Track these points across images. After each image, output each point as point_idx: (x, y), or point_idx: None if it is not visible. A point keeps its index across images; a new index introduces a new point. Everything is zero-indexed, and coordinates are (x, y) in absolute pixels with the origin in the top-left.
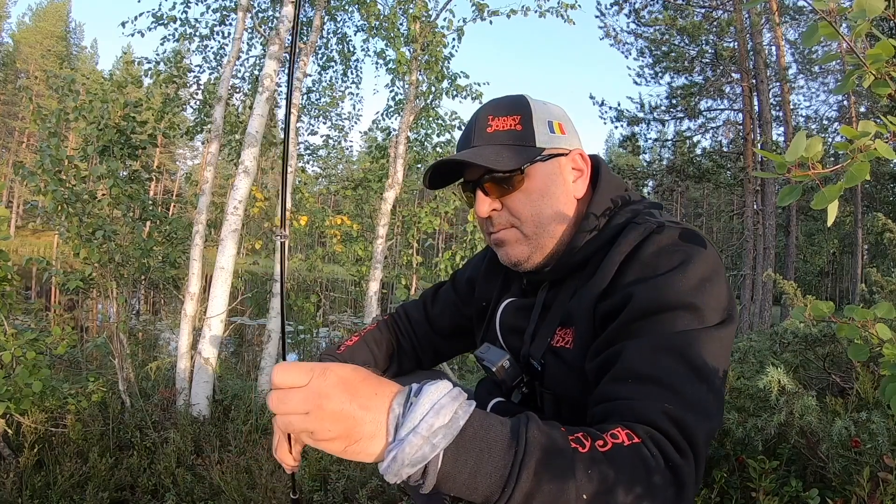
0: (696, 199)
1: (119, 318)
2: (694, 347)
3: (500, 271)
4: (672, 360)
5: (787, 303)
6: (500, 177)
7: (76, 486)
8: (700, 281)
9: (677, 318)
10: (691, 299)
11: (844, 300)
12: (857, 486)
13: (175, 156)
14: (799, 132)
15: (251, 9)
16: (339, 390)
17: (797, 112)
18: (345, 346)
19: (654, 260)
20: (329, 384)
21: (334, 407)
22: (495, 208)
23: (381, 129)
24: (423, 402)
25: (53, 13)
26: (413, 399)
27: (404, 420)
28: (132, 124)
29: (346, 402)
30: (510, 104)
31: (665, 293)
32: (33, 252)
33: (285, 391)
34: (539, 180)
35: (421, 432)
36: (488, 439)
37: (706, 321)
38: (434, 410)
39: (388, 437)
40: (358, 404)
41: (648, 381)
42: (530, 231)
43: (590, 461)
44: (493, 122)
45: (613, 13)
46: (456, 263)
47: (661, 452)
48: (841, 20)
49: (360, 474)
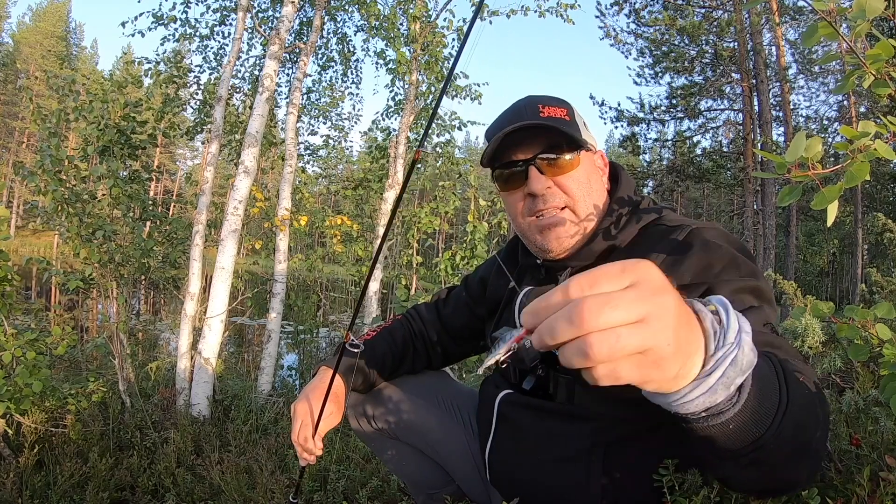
0: (696, 199)
1: (119, 318)
2: (771, 321)
3: (512, 269)
4: (768, 330)
5: (787, 303)
6: (555, 157)
7: (76, 487)
8: (752, 268)
9: (752, 296)
10: (756, 282)
11: (844, 300)
12: (857, 486)
13: (175, 156)
14: (799, 132)
15: (251, 9)
16: (662, 280)
17: (797, 112)
18: (362, 339)
19: (710, 255)
20: (657, 273)
21: (677, 303)
22: (549, 186)
23: (381, 129)
24: (731, 313)
25: (53, 13)
26: (716, 307)
27: (729, 324)
28: (132, 124)
29: (678, 298)
30: (556, 98)
31: (737, 281)
32: (33, 252)
33: (605, 297)
34: (586, 167)
35: (746, 337)
36: (765, 372)
37: (770, 299)
38: (742, 319)
39: (711, 347)
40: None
41: (769, 346)
42: (582, 212)
43: (810, 390)
44: (545, 110)
45: (613, 13)
46: (456, 263)
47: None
48: (841, 20)
49: (360, 474)
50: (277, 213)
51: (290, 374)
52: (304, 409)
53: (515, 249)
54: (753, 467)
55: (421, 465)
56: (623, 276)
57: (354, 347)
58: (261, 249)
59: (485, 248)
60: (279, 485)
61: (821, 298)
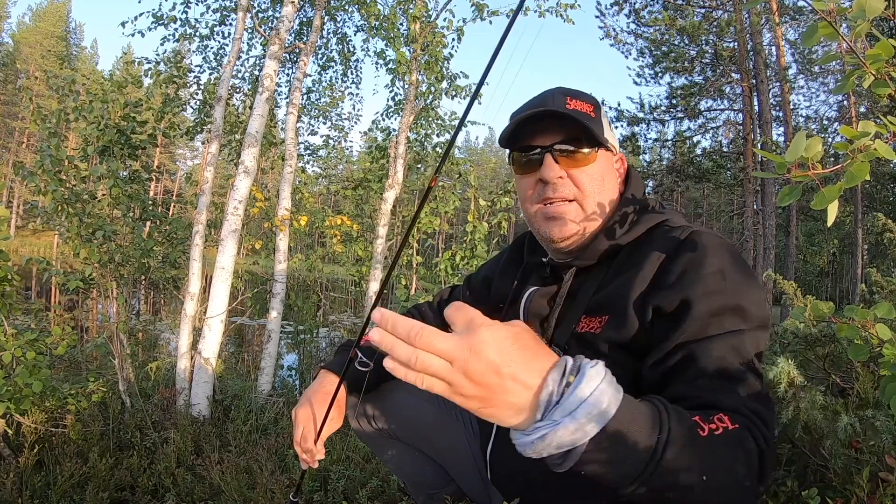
0: (696, 199)
1: (119, 318)
2: (747, 346)
3: (517, 267)
4: (736, 359)
5: (787, 303)
6: (572, 149)
7: (76, 487)
8: (741, 284)
9: (729, 320)
10: (739, 301)
11: (844, 300)
12: (857, 487)
13: (175, 156)
14: (799, 132)
15: (251, 9)
16: (494, 352)
17: (797, 112)
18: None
19: (699, 264)
20: (482, 342)
21: (483, 369)
22: (561, 176)
23: (381, 129)
24: (583, 387)
25: (53, 13)
26: (570, 378)
27: (560, 402)
28: (132, 124)
29: (496, 368)
30: (584, 93)
31: (718, 297)
32: (33, 252)
33: (431, 332)
34: (602, 165)
35: (578, 418)
36: (632, 430)
37: (752, 321)
38: (594, 397)
39: (537, 414)
40: (509, 373)
41: (723, 378)
42: (589, 207)
43: (709, 443)
44: (572, 102)
45: (613, 13)
46: (456, 263)
47: (754, 438)
48: (841, 20)
49: (360, 474)
50: (277, 213)
51: (290, 375)
52: (306, 415)
53: (521, 248)
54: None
55: (421, 465)
56: (460, 325)
57: (364, 366)
58: (261, 249)
59: (485, 248)
60: (279, 485)
61: (821, 298)
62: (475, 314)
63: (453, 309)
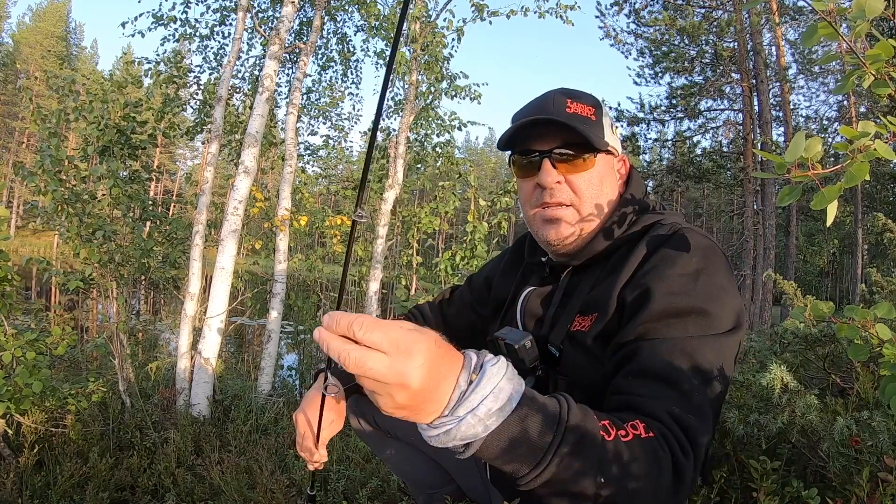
0: (696, 199)
1: (119, 318)
2: (704, 353)
3: (517, 268)
4: (684, 364)
5: (787, 303)
6: (571, 155)
7: (76, 487)
8: (714, 288)
9: (691, 323)
10: (705, 305)
11: (844, 300)
12: (856, 487)
13: (175, 156)
14: (799, 132)
15: (251, 9)
16: (423, 371)
17: (797, 112)
18: None
19: (671, 262)
20: (414, 364)
21: (413, 387)
22: (559, 181)
23: (381, 129)
24: (484, 384)
25: (53, 13)
26: (474, 377)
27: (463, 400)
28: (132, 124)
29: (419, 390)
30: (586, 95)
31: (681, 298)
32: (33, 252)
33: (367, 351)
34: (601, 169)
35: (479, 414)
36: (528, 424)
37: (717, 328)
38: (493, 394)
39: (445, 410)
40: (432, 383)
41: (661, 381)
42: (586, 212)
43: (613, 449)
44: (573, 105)
45: (613, 13)
46: (456, 263)
47: (670, 449)
48: (841, 20)
49: (360, 474)
50: (277, 213)
51: (290, 375)
52: (304, 421)
53: (522, 248)
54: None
55: (421, 465)
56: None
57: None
58: (261, 249)
59: (485, 249)
60: (279, 485)
61: (821, 298)
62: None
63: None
